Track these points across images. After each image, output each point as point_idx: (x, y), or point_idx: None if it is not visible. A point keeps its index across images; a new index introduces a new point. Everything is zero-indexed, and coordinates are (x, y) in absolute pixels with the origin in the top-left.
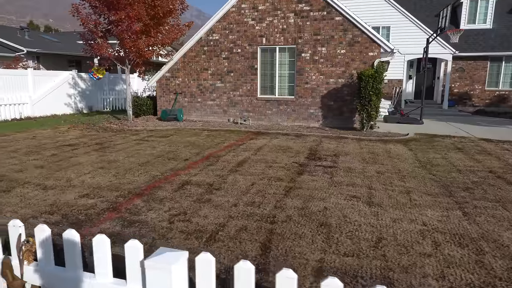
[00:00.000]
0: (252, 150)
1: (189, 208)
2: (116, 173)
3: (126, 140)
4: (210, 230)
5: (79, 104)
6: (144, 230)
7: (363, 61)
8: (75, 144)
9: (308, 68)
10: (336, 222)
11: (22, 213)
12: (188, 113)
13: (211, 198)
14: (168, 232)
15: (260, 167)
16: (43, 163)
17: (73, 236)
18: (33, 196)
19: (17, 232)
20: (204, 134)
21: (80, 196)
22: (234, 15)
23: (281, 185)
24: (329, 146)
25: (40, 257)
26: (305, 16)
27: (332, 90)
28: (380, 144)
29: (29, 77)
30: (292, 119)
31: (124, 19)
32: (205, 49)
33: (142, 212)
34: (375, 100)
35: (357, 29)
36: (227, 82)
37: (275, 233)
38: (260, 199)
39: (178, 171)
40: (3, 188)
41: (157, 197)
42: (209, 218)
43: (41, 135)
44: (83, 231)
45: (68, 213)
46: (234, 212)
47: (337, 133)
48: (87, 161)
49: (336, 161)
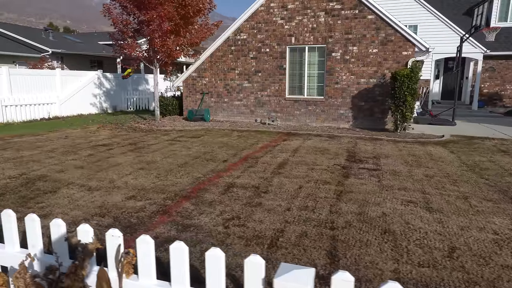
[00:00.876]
0: (289, 151)
1: (241, 212)
2: (158, 174)
3: (158, 140)
4: (269, 236)
5: (104, 104)
6: (201, 235)
7: (396, 60)
8: (109, 144)
9: (338, 68)
10: (400, 229)
11: (73, 215)
12: (214, 113)
13: (262, 202)
14: (225, 237)
15: (302, 170)
16: (82, 164)
17: (182, 248)
18: (80, 198)
19: (116, 243)
20: (234, 135)
21: (127, 198)
22: (262, 14)
23: (330, 189)
24: (366, 148)
25: (142, 270)
26: (336, 14)
27: (363, 90)
28: (418, 146)
29: (57, 77)
30: (321, 120)
31: (155, 18)
32: (232, 48)
33: (193, 215)
34: (410, 100)
35: (390, 28)
36: (254, 82)
37: (338, 240)
38: (313, 203)
39: (220, 172)
40: (48, 188)
41: (206, 200)
42: (264, 223)
43: (73, 135)
44: (138, 235)
45: (119, 215)
46: (289, 217)
47: (370, 135)
48: (125, 162)
49: (379, 164)
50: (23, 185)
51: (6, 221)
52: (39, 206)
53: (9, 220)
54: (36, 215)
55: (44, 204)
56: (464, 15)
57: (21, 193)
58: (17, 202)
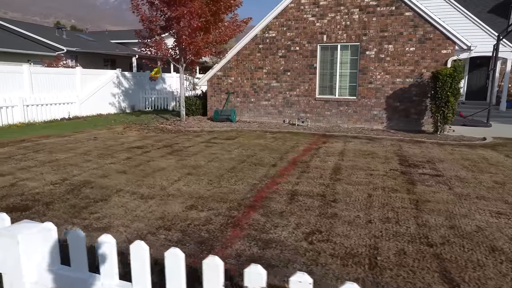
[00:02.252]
0: (335, 155)
1: (319, 224)
2: (210, 181)
3: (192, 142)
4: (364, 254)
5: (122, 103)
6: (287, 252)
7: (435, 59)
8: (143, 146)
9: (372, 67)
10: (508, 247)
11: (135, 227)
12: (240, 113)
13: (336, 213)
14: (316, 256)
15: (360, 175)
16: (124, 168)
17: None
18: (136, 207)
19: None
20: (268, 137)
21: (187, 208)
22: (292, 11)
23: (403, 197)
24: (413, 151)
25: None
26: (371, 11)
27: (398, 90)
28: (467, 150)
29: (77, 76)
30: (353, 121)
31: (185, 14)
32: (260, 46)
33: (268, 229)
34: (453, 101)
35: (429, 25)
36: (283, 81)
37: (444, 259)
38: (393, 215)
39: (274, 178)
40: (98, 196)
41: (274, 211)
42: (351, 238)
43: (101, 136)
44: (217, 253)
45: (186, 228)
46: (375, 231)
47: (409, 137)
48: (168, 166)
49: (437, 169)
50: (69, 192)
51: (104, 247)
52: (94, 217)
53: (109, 247)
54: (144, 243)
55: (99, 214)
56: (490, 13)
57: (70, 201)
58: (69, 212)
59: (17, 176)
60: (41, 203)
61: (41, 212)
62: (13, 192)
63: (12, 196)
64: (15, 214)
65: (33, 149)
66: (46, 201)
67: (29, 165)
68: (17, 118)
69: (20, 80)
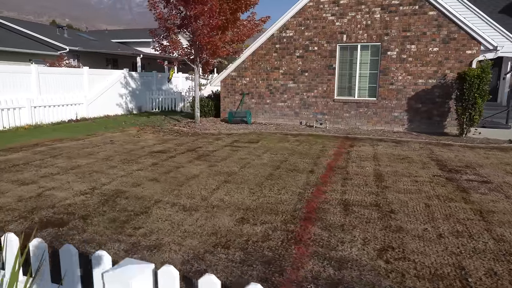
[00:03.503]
0: (369, 159)
1: (388, 240)
2: (251, 189)
3: (215, 146)
4: (452, 275)
5: (129, 104)
6: (367, 274)
7: (459, 60)
8: (165, 150)
9: (394, 67)
10: None
11: (189, 246)
12: (255, 115)
13: (400, 226)
14: (401, 278)
15: (406, 182)
16: (153, 175)
17: None
18: (182, 220)
19: None
20: (292, 140)
21: (238, 221)
22: (311, 10)
23: (463, 207)
24: (447, 155)
25: None
26: (394, 10)
27: (420, 91)
28: (500, 153)
29: (85, 76)
30: (372, 123)
31: (206, 12)
32: (276, 46)
33: (334, 245)
34: (480, 103)
35: (454, 25)
36: (300, 82)
37: None
38: (462, 228)
39: (318, 186)
40: (137, 208)
41: (333, 224)
42: (430, 256)
43: (117, 139)
44: (291, 276)
45: (245, 246)
46: (451, 247)
47: (435, 139)
48: (201, 173)
49: (480, 174)
50: (103, 203)
51: None
52: (141, 233)
53: None
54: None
55: (144, 229)
56: (501, 13)
57: (107, 214)
58: (111, 227)
59: (42, 185)
60: (77, 217)
61: (79, 227)
62: (43, 204)
63: (43, 208)
64: (52, 229)
65: (50, 154)
66: (82, 214)
67: (51, 172)
68: (25, 120)
69: (27, 80)
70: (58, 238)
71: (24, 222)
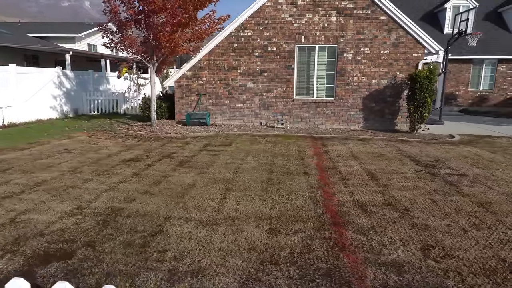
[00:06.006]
0: (350, 158)
1: (422, 238)
2: (259, 196)
3: (189, 151)
4: (499, 268)
5: (64, 107)
6: (430, 277)
7: (407, 62)
8: (137, 158)
9: (349, 68)
10: None
11: (234, 266)
12: (213, 116)
13: (424, 223)
14: (460, 277)
15: (398, 179)
16: (143, 187)
17: None
18: (208, 237)
19: None
20: (262, 141)
21: (269, 233)
22: (269, 10)
23: (464, 201)
24: (413, 150)
25: None
26: (348, 14)
27: (374, 91)
28: (453, 147)
29: (12, 75)
30: (331, 122)
31: (168, 8)
32: (234, 46)
33: (378, 249)
34: (429, 102)
35: (402, 30)
36: (259, 82)
37: None
38: (476, 220)
39: (323, 188)
40: (147, 227)
41: (363, 226)
42: (469, 251)
43: (72, 147)
44: None
45: (294, 259)
46: (480, 240)
47: (392, 136)
48: (194, 182)
49: (453, 167)
50: (104, 225)
51: None
52: (171, 257)
53: None
54: None
55: (173, 252)
56: (421, 20)
57: (117, 238)
58: (131, 254)
59: (9, 207)
60: (81, 245)
61: (92, 257)
62: (26, 232)
63: (30, 237)
64: (59, 264)
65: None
66: (85, 241)
67: (13, 191)
68: None
69: None
70: (74, 274)
71: (15, 258)
